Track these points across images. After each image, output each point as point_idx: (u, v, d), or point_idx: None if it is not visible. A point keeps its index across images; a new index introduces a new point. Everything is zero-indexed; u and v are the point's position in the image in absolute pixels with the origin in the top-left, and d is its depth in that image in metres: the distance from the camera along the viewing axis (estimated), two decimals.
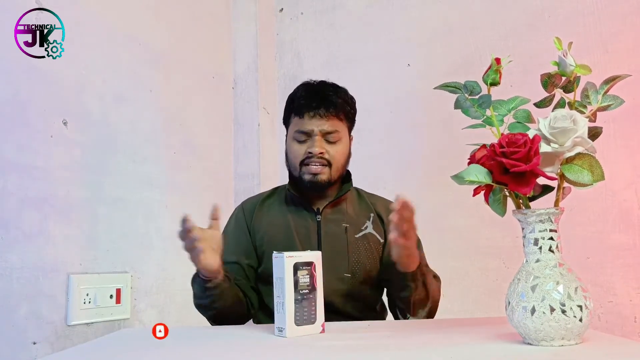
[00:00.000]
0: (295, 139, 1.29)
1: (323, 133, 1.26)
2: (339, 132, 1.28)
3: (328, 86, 1.32)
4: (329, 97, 1.27)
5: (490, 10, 1.90)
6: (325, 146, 1.27)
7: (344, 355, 0.77)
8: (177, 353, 0.85)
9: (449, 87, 0.88)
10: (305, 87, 1.32)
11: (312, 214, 1.31)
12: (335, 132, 1.27)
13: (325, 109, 1.26)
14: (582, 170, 0.74)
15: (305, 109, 1.26)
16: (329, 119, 1.26)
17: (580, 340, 0.74)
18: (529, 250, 0.77)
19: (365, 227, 1.32)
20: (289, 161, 1.32)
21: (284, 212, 1.33)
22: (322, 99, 1.27)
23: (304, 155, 1.27)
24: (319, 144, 1.26)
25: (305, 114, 1.26)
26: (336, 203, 1.32)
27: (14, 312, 1.29)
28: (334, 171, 1.28)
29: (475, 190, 0.81)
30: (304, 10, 2.27)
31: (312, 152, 1.25)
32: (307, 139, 1.27)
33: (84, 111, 1.52)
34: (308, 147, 1.26)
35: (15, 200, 1.32)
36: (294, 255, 0.91)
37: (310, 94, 1.29)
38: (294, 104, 1.30)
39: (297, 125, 1.28)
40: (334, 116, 1.27)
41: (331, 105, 1.26)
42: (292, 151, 1.30)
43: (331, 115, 1.26)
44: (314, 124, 1.26)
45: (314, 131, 1.26)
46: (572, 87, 0.82)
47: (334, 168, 1.28)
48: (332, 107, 1.26)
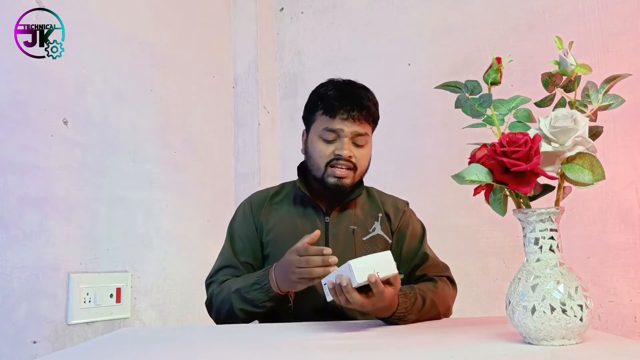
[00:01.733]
0: (322, 138, 1.25)
1: (353, 135, 1.24)
2: (367, 136, 1.26)
3: (360, 88, 1.28)
4: (362, 100, 1.24)
5: (490, 10, 1.90)
6: (353, 149, 1.24)
7: (343, 355, 0.77)
8: (177, 352, 0.85)
9: (450, 87, 0.88)
10: (336, 85, 1.28)
11: (321, 215, 1.29)
12: (364, 135, 1.25)
13: (358, 111, 1.22)
14: (582, 169, 0.74)
15: (339, 110, 1.22)
16: (361, 122, 1.23)
17: (580, 340, 0.74)
18: (530, 249, 0.77)
19: (373, 228, 1.30)
20: (312, 160, 1.27)
21: (292, 212, 1.31)
22: (355, 101, 1.23)
23: (330, 156, 1.24)
24: (347, 147, 1.23)
25: (338, 114, 1.22)
26: (346, 205, 1.30)
27: (14, 311, 1.29)
28: (358, 175, 1.26)
29: (476, 190, 0.81)
30: (304, 10, 2.27)
31: (341, 154, 1.22)
32: (335, 139, 1.24)
33: (84, 110, 1.52)
34: (336, 149, 1.23)
35: (16, 199, 1.32)
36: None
37: (344, 94, 1.25)
38: (324, 102, 1.25)
39: (326, 123, 1.24)
40: (365, 120, 1.24)
41: (364, 108, 1.23)
42: (318, 150, 1.25)
43: (363, 119, 1.24)
44: (345, 125, 1.23)
45: (344, 131, 1.23)
46: (573, 87, 0.82)
47: (358, 172, 1.26)
48: (365, 110, 1.24)
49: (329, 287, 0.98)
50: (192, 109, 1.95)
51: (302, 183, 1.31)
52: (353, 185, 1.26)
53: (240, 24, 2.22)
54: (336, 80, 1.31)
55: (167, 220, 1.77)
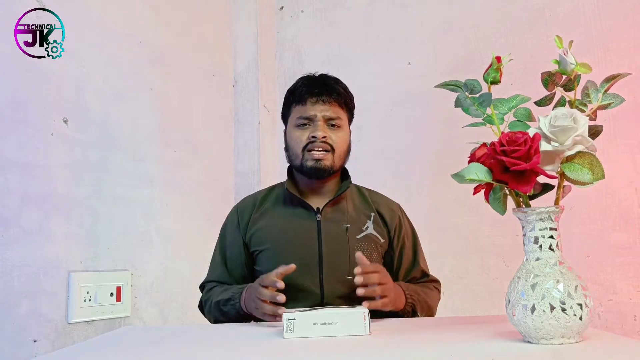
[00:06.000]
0: (296, 126, 1.28)
1: (326, 118, 1.27)
2: (340, 119, 1.29)
3: (330, 78, 1.33)
4: (331, 85, 1.29)
5: (490, 9, 1.90)
6: (327, 131, 1.27)
7: (343, 355, 0.77)
8: (177, 351, 0.85)
9: (450, 86, 0.88)
10: (305, 77, 1.34)
11: (312, 213, 1.29)
12: (337, 118, 1.28)
13: (327, 94, 1.27)
14: (582, 168, 0.74)
15: (308, 95, 1.27)
16: (331, 104, 1.27)
17: (580, 339, 0.74)
18: (529, 248, 0.77)
19: (366, 227, 1.30)
20: (290, 150, 1.30)
21: (282, 213, 1.31)
22: (324, 86, 1.28)
23: (306, 140, 1.26)
24: (322, 128, 1.26)
25: (308, 100, 1.27)
26: (336, 201, 1.31)
27: (15, 309, 1.29)
28: (337, 157, 1.28)
29: (476, 189, 0.81)
30: (304, 8, 2.27)
31: (315, 135, 1.25)
32: (309, 124, 1.27)
33: (84, 109, 1.52)
34: (311, 132, 1.26)
35: (16, 198, 1.32)
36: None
37: (312, 81, 1.30)
38: (295, 94, 1.30)
39: (299, 112, 1.28)
40: (336, 103, 1.28)
41: (334, 91, 1.28)
42: (294, 138, 1.28)
43: (333, 101, 1.27)
44: (316, 109, 1.26)
45: (316, 116, 1.26)
46: (573, 86, 0.82)
47: (336, 154, 1.27)
48: (335, 93, 1.28)
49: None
50: (192, 107, 1.95)
51: (291, 183, 1.32)
52: (335, 168, 1.28)
53: (240, 23, 2.21)
54: (307, 75, 1.35)
55: (167, 218, 1.77)
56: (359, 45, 2.13)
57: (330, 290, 1.23)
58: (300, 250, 1.25)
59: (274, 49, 2.29)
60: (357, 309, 0.92)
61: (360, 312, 0.90)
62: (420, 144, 1.95)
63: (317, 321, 0.89)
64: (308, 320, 0.89)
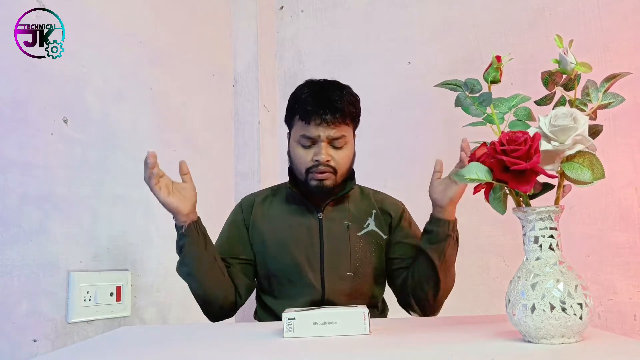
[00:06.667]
0: (300, 144, 1.27)
1: (329, 139, 1.24)
2: (345, 137, 1.26)
3: (334, 89, 1.28)
4: (336, 103, 1.24)
5: (490, 9, 1.90)
6: (331, 152, 1.25)
7: (343, 354, 0.77)
8: (177, 351, 0.85)
9: (450, 85, 0.88)
10: (310, 88, 1.28)
11: (314, 212, 1.31)
12: (341, 138, 1.25)
13: (332, 115, 1.23)
14: (582, 168, 0.74)
15: (312, 115, 1.23)
16: (335, 125, 1.23)
17: (580, 338, 0.74)
18: (529, 248, 0.77)
19: (367, 224, 1.31)
20: (294, 166, 1.30)
21: (285, 211, 1.33)
22: (328, 105, 1.23)
23: (310, 162, 1.25)
24: (325, 151, 1.24)
25: (312, 120, 1.23)
26: (338, 201, 1.32)
27: (14, 309, 1.29)
28: (339, 176, 1.28)
29: (476, 188, 0.81)
30: (305, 8, 2.27)
31: (318, 159, 1.24)
32: (312, 145, 1.25)
33: (84, 109, 1.52)
34: (314, 154, 1.24)
35: (16, 197, 1.32)
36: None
37: (316, 98, 1.25)
38: (299, 107, 1.26)
39: (303, 130, 1.25)
40: (341, 122, 1.24)
41: (338, 111, 1.23)
42: (298, 156, 1.27)
43: (338, 122, 1.24)
44: (320, 131, 1.23)
45: (320, 137, 1.24)
46: (573, 85, 0.82)
47: (339, 174, 1.27)
48: (339, 113, 1.24)
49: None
50: (192, 107, 1.95)
51: (293, 183, 1.33)
52: (338, 185, 1.28)
53: (240, 23, 2.21)
54: (313, 82, 1.31)
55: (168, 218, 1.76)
56: (359, 45, 2.13)
57: (331, 287, 1.25)
58: (302, 248, 1.27)
59: (274, 49, 2.29)
60: (357, 308, 0.92)
61: (360, 312, 0.90)
62: (420, 144, 1.95)
63: (317, 321, 0.89)
64: (308, 319, 0.89)
